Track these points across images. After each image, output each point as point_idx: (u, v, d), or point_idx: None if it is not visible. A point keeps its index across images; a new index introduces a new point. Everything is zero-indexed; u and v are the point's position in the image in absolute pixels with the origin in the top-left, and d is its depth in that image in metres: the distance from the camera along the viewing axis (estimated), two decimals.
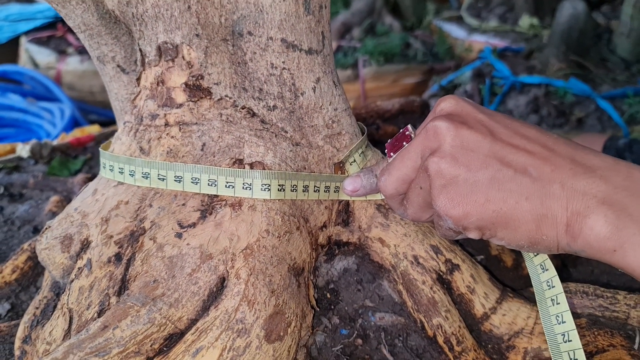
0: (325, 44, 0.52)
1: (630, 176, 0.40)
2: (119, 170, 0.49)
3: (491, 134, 0.43)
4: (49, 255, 0.55)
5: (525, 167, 0.42)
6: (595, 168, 0.40)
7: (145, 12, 0.46)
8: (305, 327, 0.47)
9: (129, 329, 0.42)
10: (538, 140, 0.43)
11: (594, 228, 0.39)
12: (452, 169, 0.43)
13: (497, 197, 0.42)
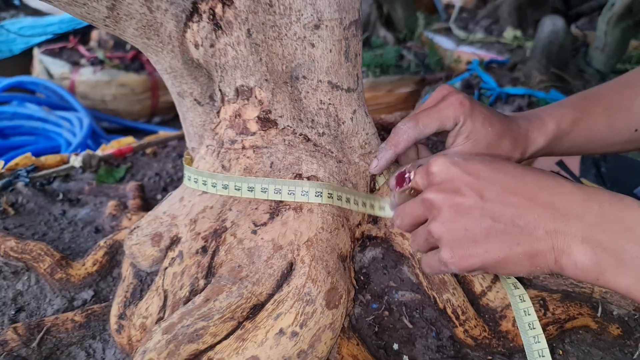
0: (359, 83, 0.67)
1: (602, 212, 0.47)
2: (202, 182, 0.64)
3: (480, 196, 0.51)
4: (139, 249, 0.70)
5: (513, 220, 0.49)
6: (570, 209, 0.47)
7: (227, 62, 0.61)
8: (349, 301, 0.62)
9: (225, 301, 0.57)
10: (520, 193, 0.49)
11: (577, 263, 0.47)
12: (453, 232, 0.51)
13: (494, 248, 0.50)
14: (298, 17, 0.60)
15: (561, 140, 0.73)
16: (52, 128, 2.12)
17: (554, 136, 0.72)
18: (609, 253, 0.45)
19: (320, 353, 0.56)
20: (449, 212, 0.51)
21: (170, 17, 0.60)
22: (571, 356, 0.69)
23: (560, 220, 0.47)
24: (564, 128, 0.72)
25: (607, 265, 0.45)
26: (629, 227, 0.45)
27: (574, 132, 0.72)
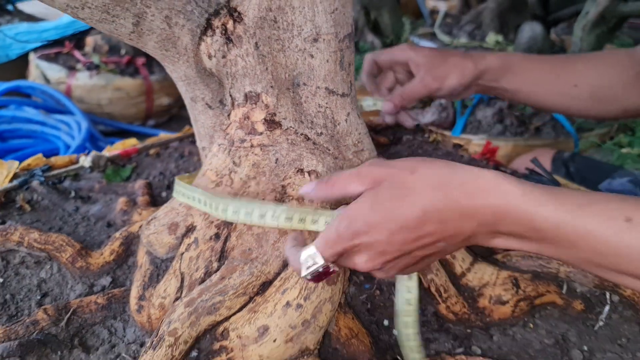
0: (352, 89, 0.76)
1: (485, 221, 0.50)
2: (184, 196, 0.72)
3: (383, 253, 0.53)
4: (157, 237, 0.78)
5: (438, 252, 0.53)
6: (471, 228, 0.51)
7: (237, 71, 0.70)
8: (345, 279, 0.71)
9: (238, 278, 0.65)
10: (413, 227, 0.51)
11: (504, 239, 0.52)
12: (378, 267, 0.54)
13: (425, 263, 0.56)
14: (299, 31, 0.68)
15: (508, 70, 0.87)
16: (50, 131, 2.19)
17: (503, 61, 0.87)
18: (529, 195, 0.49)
19: (321, 322, 0.65)
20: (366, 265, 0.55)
21: (186, 32, 0.69)
22: (540, 329, 0.79)
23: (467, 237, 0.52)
24: (513, 59, 0.87)
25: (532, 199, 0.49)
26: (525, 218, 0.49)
27: (523, 66, 0.87)
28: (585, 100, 0.89)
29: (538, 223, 0.48)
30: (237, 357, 0.64)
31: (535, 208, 0.48)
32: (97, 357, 0.74)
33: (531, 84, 0.89)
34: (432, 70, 0.86)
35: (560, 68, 0.89)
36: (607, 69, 0.88)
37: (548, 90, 0.89)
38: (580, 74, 0.88)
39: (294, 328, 0.63)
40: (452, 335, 0.76)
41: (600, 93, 0.88)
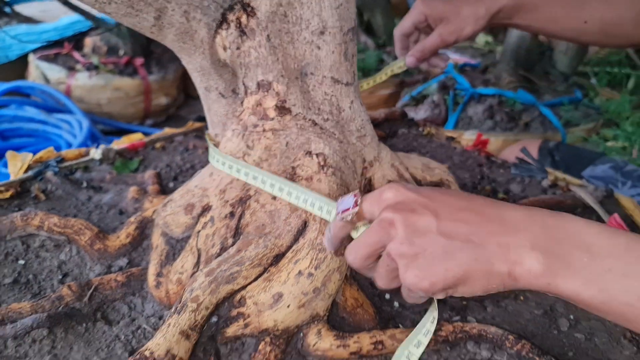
0: (355, 78, 0.82)
1: (545, 224, 0.50)
2: (222, 163, 0.78)
3: (435, 215, 0.51)
4: (173, 218, 0.84)
5: (467, 236, 0.50)
6: (518, 222, 0.50)
7: (250, 62, 0.76)
8: None
9: (254, 251, 0.71)
10: (471, 209, 0.52)
11: (530, 270, 0.48)
12: (412, 251, 0.51)
13: (453, 265, 0.50)
14: (307, 25, 0.74)
15: (522, 7, 0.93)
16: (52, 130, 2.23)
17: (511, 3, 0.92)
18: (557, 257, 0.48)
19: (330, 290, 0.71)
20: (406, 231, 0.52)
21: (203, 26, 0.75)
22: (530, 301, 0.85)
23: (510, 233, 0.50)
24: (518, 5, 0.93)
25: (557, 268, 0.47)
26: (571, 234, 0.48)
27: (535, 3, 0.93)
28: (594, 34, 0.96)
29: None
30: (253, 322, 0.70)
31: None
32: (119, 329, 0.80)
33: (544, 20, 0.96)
34: (448, 24, 0.95)
35: (571, 5, 0.95)
36: (618, 6, 0.94)
37: (560, 26, 0.96)
38: (590, 11, 0.94)
39: (305, 295, 0.69)
40: (449, 306, 0.83)
41: (609, 29, 0.94)
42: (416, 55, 1.00)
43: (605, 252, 0.47)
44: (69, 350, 0.76)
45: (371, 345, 0.70)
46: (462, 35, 0.96)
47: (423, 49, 0.99)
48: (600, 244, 0.47)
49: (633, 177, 1.13)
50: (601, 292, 0.46)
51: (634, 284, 0.45)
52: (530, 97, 1.95)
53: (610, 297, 0.46)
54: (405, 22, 1.02)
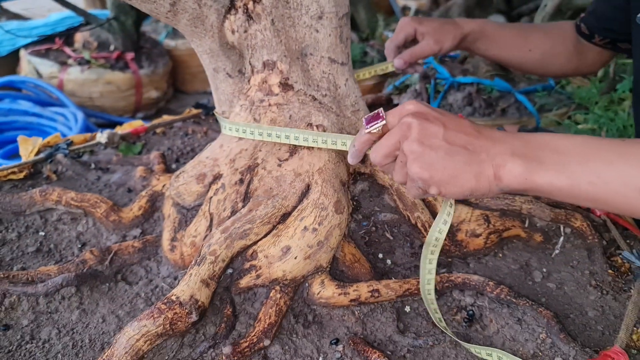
0: (349, 59, 0.91)
1: (524, 138, 0.64)
2: (236, 130, 0.87)
3: (444, 125, 0.63)
4: (185, 187, 0.92)
5: (465, 145, 0.63)
6: (505, 139, 0.63)
7: (256, 43, 0.84)
8: (349, 213, 0.86)
9: (263, 210, 0.80)
10: (471, 127, 0.65)
11: (512, 170, 0.61)
12: (420, 148, 0.63)
13: (449, 165, 0.62)
14: (307, 10, 0.83)
15: (484, 34, 1.17)
16: (47, 123, 2.28)
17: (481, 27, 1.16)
18: (533, 159, 0.61)
19: (332, 244, 0.80)
20: (419, 133, 0.63)
21: (213, 11, 0.83)
22: (508, 258, 0.95)
23: (497, 144, 0.63)
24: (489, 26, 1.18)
25: (533, 166, 0.61)
26: (542, 142, 0.63)
27: (494, 33, 1.18)
28: (535, 62, 1.22)
29: None
30: (264, 273, 0.79)
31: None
32: (139, 288, 0.88)
33: (498, 47, 1.20)
34: (434, 36, 1.12)
35: (520, 36, 1.21)
36: (555, 40, 1.20)
37: (509, 53, 1.22)
38: (534, 42, 1.20)
39: (311, 247, 0.78)
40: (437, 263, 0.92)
41: (547, 59, 1.21)
42: (405, 58, 1.15)
43: (569, 149, 0.61)
44: (95, 306, 0.84)
45: (368, 293, 0.80)
46: (443, 47, 1.14)
47: (412, 54, 1.15)
48: (565, 144, 0.62)
49: None
50: (569, 178, 0.60)
51: (592, 165, 0.60)
52: (506, 85, 2.06)
53: (577, 180, 0.60)
54: (398, 35, 1.18)
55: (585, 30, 1.17)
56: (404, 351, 0.75)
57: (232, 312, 0.77)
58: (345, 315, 0.80)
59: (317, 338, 0.77)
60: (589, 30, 1.16)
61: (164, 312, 0.69)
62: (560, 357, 0.73)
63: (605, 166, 0.60)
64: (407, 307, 0.83)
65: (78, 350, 0.75)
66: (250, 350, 0.72)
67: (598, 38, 1.16)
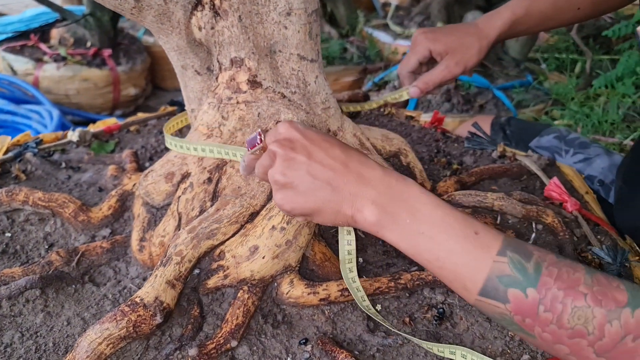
0: (319, 56, 0.90)
1: (390, 185, 0.62)
2: (180, 146, 0.86)
3: (309, 156, 0.63)
4: (154, 187, 0.91)
5: (329, 180, 0.62)
6: (371, 181, 0.62)
7: (224, 40, 0.83)
8: None
9: (231, 209, 0.79)
10: (339, 159, 0.63)
11: (366, 219, 0.61)
12: (283, 180, 0.64)
13: (311, 200, 0.63)
14: (275, 6, 0.82)
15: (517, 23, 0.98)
16: (21, 120, 2.24)
17: (511, 21, 0.97)
18: (388, 214, 0.60)
19: (301, 243, 0.79)
20: (283, 164, 0.64)
21: (180, 7, 0.82)
22: None
23: (361, 186, 0.62)
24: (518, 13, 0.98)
25: (386, 222, 0.61)
26: (406, 198, 0.61)
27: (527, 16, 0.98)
28: (590, 12, 1.05)
29: None
30: (232, 273, 0.78)
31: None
32: (106, 289, 0.86)
33: (540, 24, 1.05)
34: (454, 56, 0.97)
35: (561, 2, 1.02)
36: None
37: (556, 22, 1.06)
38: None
39: (279, 247, 0.77)
40: (407, 260, 0.92)
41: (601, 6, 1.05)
42: (421, 86, 1.02)
43: (425, 219, 0.60)
44: (60, 308, 0.82)
45: (338, 292, 0.79)
46: (468, 65, 1.00)
47: (428, 82, 1.02)
48: (424, 212, 0.60)
49: (575, 145, 1.24)
50: (412, 247, 0.60)
51: (435, 247, 0.58)
52: (484, 81, 2.07)
53: (417, 252, 0.60)
54: (410, 60, 1.03)
55: None
56: (373, 350, 0.75)
57: (200, 313, 0.76)
58: (315, 314, 0.79)
59: (286, 338, 0.76)
60: None
61: (127, 314, 0.68)
62: (528, 354, 0.73)
63: (445, 251, 0.58)
64: (378, 305, 0.82)
65: (41, 354, 0.74)
66: (217, 351, 0.71)
67: None
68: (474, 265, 0.56)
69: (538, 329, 0.54)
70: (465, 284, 0.57)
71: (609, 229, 1.01)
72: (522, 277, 0.54)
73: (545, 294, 0.53)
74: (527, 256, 0.55)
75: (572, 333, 0.52)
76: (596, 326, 0.51)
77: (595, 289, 0.52)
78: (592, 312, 0.51)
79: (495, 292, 0.55)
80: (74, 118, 2.58)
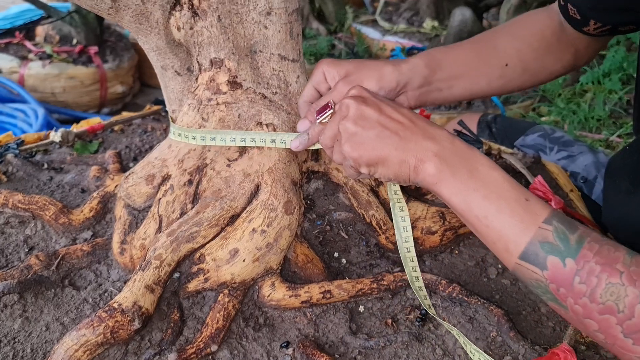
0: (300, 56, 0.89)
1: (453, 143, 0.65)
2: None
3: (379, 109, 0.68)
4: (135, 189, 0.90)
5: (397, 131, 0.66)
6: (436, 137, 0.65)
7: (203, 40, 0.82)
8: (301, 214, 0.85)
9: (211, 212, 0.78)
10: (407, 116, 0.68)
11: (427, 169, 0.64)
12: (354, 128, 0.67)
13: (378, 147, 0.66)
14: (255, 6, 0.81)
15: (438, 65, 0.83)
16: (5, 119, 2.22)
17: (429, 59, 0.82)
18: (448, 168, 0.63)
19: (282, 245, 0.79)
20: (356, 113, 0.68)
21: (158, 7, 0.81)
22: (464, 254, 0.95)
23: (427, 139, 0.65)
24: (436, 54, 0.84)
25: (444, 175, 0.64)
26: (467, 157, 0.64)
27: (449, 58, 0.84)
28: (519, 76, 0.89)
29: None
30: (212, 277, 0.77)
31: None
32: (87, 293, 0.85)
33: (462, 74, 0.86)
34: (346, 78, 0.79)
35: (485, 50, 0.88)
36: (532, 38, 0.88)
37: (481, 76, 0.87)
38: (506, 51, 0.87)
39: (259, 250, 0.77)
40: (391, 261, 0.91)
41: (532, 65, 0.89)
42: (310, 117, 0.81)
43: (482, 177, 0.62)
44: (39, 313, 0.81)
45: (320, 295, 0.79)
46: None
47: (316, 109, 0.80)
48: (482, 171, 0.63)
49: (559, 143, 1.24)
50: (464, 202, 0.63)
51: (485, 205, 0.61)
52: None
53: (468, 208, 0.62)
54: (306, 89, 0.85)
55: (575, 14, 0.86)
56: (355, 352, 0.75)
57: (180, 317, 0.76)
58: (297, 317, 0.79)
59: (268, 341, 0.76)
60: (581, 14, 0.85)
61: (104, 320, 0.67)
62: (510, 355, 0.73)
63: (494, 210, 0.61)
64: (361, 307, 0.82)
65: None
66: (197, 356, 0.70)
67: (594, 24, 0.85)
68: (519, 228, 0.58)
69: (570, 300, 0.56)
70: (507, 245, 0.60)
71: (592, 227, 1.01)
72: (564, 246, 0.56)
73: (582, 266, 0.54)
74: (572, 229, 0.57)
75: (603, 309, 0.53)
76: (627, 305, 0.52)
77: (632, 269, 0.53)
78: (625, 291, 0.52)
79: (535, 257, 0.57)
80: (61, 116, 2.55)
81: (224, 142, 0.83)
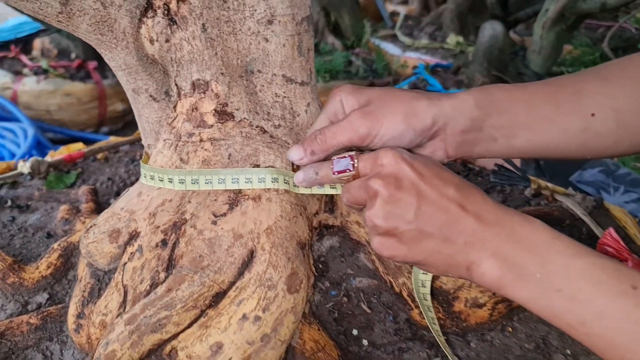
0: (312, 77, 0.69)
1: (513, 231, 0.51)
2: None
3: (418, 196, 0.52)
4: (97, 247, 0.69)
5: (441, 228, 0.52)
6: (491, 224, 0.51)
7: (183, 57, 0.62)
8: (309, 287, 0.64)
9: (188, 290, 0.57)
10: (455, 200, 0.52)
11: (485, 274, 0.51)
12: (384, 226, 0.53)
13: (415, 251, 0.53)
14: (252, 12, 0.61)
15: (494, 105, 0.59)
16: None
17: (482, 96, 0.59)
18: (512, 269, 0.50)
19: (283, 336, 0.58)
20: (386, 207, 0.53)
21: (124, 13, 0.61)
22: (520, 333, 0.73)
23: (479, 233, 0.51)
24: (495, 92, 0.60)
25: (509, 279, 0.50)
26: (532, 247, 0.50)
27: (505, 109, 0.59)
28: (611, 131, 0.59)
29: None
30: None
31: None
32: None
33: (529, 123, 0.60)
34: (366, 107, 0.59)
35: (564, 94, 0.60)
36: (634, 83, 0.59)
37: (556, 127, 0.60)
38: (596, 98, 0.59)
39: (251, 344, 0.56)
40: (426, 343, 0.70)
41: (630, 119, 0.59)
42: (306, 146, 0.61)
43: (560, 272, 0.48)
44: None
45: None
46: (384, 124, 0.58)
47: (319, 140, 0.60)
48: (559, 262, 0.48)
49: (626, 182, 1.03)
50: (547, 309, 0.49)
51: (578, 308, 0.47)
52: None
53: (554, 315, 0.49)
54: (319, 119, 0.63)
55: None
56: None
57: None
58: None
59: None
60: None
61: None
62: None
63: (593, 314, 0.46)
64: None
65: None
66: None
67: None
68: (635, 332, 0.45)
69: None
70: (624, 356, 0.46)
71: None
72: None
73: None
74: None
75: None
76: None
77: None
78: None
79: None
80: (56, 136, 2.38)
81: (209, 186, 0.63)
